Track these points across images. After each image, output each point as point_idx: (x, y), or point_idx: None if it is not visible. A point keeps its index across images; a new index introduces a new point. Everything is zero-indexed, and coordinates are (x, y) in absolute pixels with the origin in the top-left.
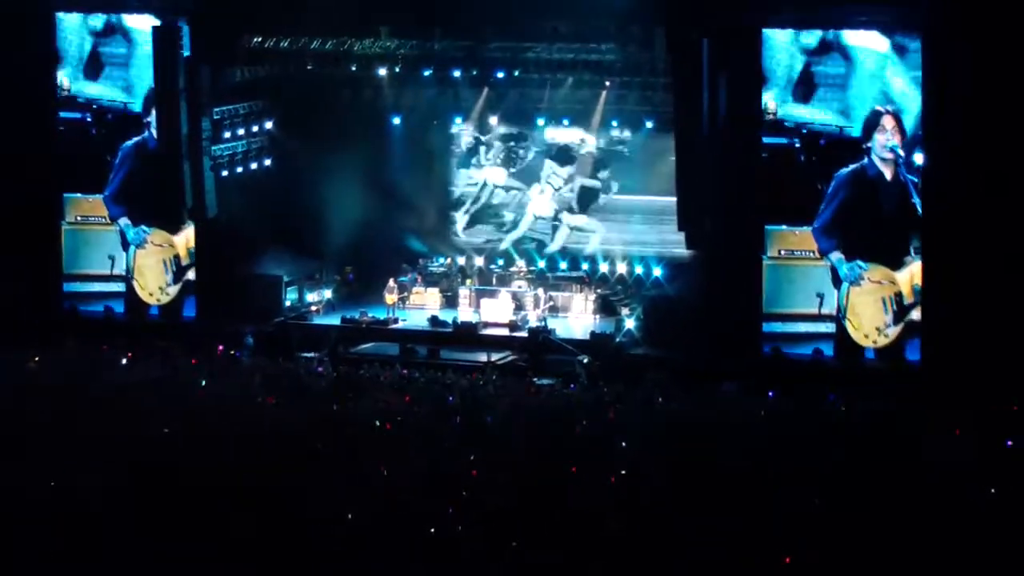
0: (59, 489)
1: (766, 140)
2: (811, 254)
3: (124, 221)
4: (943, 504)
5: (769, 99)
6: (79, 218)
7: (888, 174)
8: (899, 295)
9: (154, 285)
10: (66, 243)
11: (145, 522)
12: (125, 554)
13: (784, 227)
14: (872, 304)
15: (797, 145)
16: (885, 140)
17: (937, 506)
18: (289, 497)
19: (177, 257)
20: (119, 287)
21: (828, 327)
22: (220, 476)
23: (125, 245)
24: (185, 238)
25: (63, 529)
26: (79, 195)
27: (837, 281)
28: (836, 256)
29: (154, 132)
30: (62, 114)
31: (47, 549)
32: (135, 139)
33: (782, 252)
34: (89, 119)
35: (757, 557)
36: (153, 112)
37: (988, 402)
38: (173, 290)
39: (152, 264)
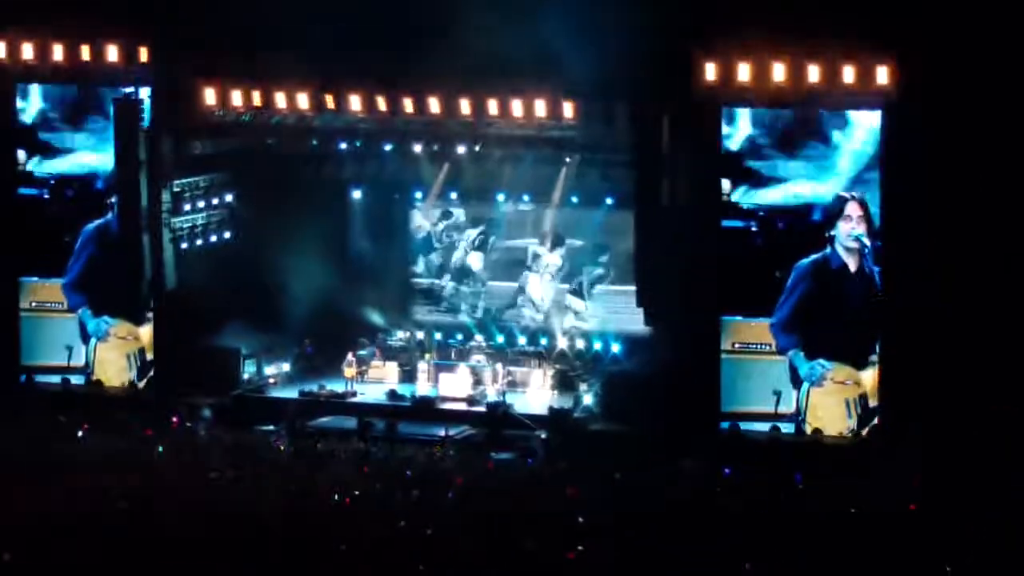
0: None
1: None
2: (768, 347)
3: (85, 311)
4: None
5: (725, 180)
6: (34, 304)
7: (852, 266)
8: (864, 397)
9: (116, 382)
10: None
11: None
12: None
13: (739, 318)
14: (835, 406)
15: (754, 229)
16: (850, 228)
17: None
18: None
19: (142, 351)
20: (78, 380)
21: (786, 427)
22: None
23: (85, 338)
24: (151, 330)
25: None
26: (36, 279)
27: (797, 380)
28: (796, 354)
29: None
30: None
31: None
32: (97, 222)
33: (736, 345)
34: (46, 196)
35: None
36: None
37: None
38: (139, 385)
39: (114, 358)
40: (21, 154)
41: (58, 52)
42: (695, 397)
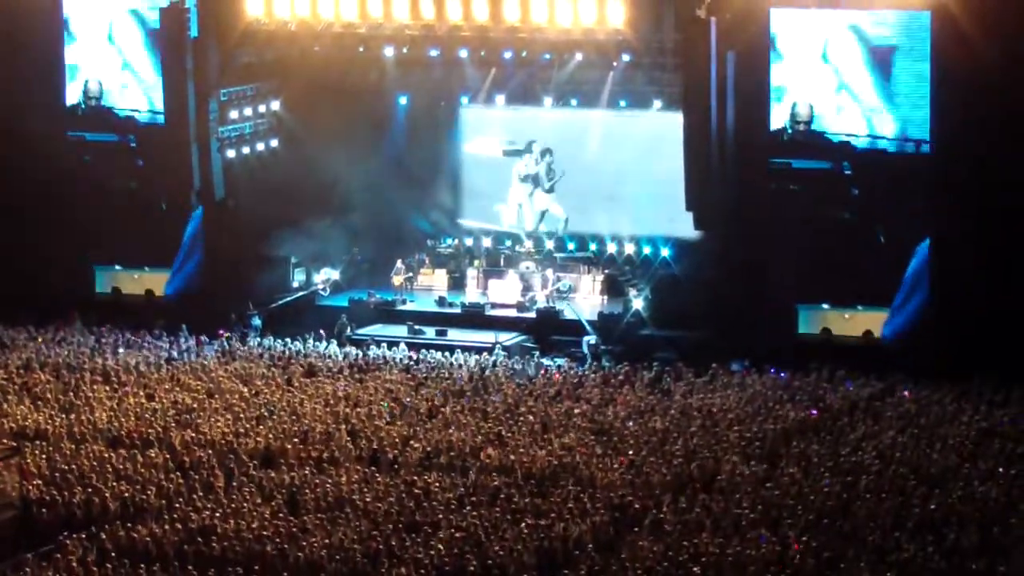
0: None
1: (797, 165)
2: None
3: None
4: None
5: (800, 102)
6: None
7: None
8: None
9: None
10: None
11: None
12: None
13: (826, 306)
14: None
15: (847, 172)
16: None
17: None
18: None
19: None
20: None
21: None
22: None
23: None
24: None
25: None
26: (117, 268)
27: None
28: None
29: None
30: (87, 136)
31: None
32: None
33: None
34: (133, 143)
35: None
36: None
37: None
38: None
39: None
40: (73, 92)
41: None
42: (746, 291)
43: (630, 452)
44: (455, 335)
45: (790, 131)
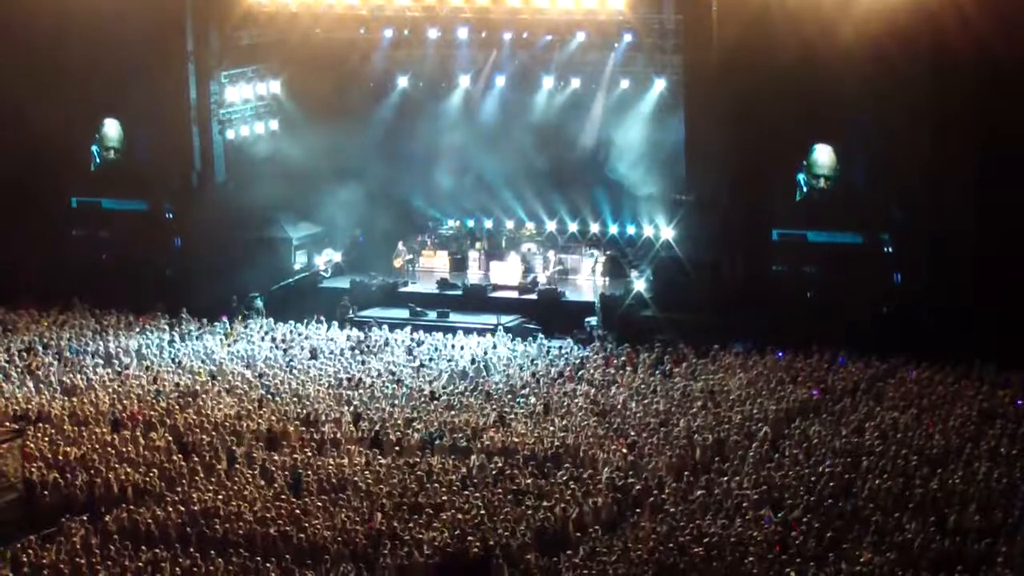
0: None
1: (814, 238)
2: None
3: None
4: None
5: (821, 148)
6: None
7: None
8: None
9: None
10: None
11: None
12: None
13: None
14: None
15: (888, 250)
16: None
17: None
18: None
19: None
20: None
21: None
22: None
23: None
24: None
25: None
26: None
27: None
28: None
29: None
30: (103, 203)
31: None
32: None
33: None
34: (169, 213)
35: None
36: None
37: None
38: None
39: None
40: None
41: None
42: (747, 272)
43: (632, 433)
44: (457, 317)
45: (806, 189)
